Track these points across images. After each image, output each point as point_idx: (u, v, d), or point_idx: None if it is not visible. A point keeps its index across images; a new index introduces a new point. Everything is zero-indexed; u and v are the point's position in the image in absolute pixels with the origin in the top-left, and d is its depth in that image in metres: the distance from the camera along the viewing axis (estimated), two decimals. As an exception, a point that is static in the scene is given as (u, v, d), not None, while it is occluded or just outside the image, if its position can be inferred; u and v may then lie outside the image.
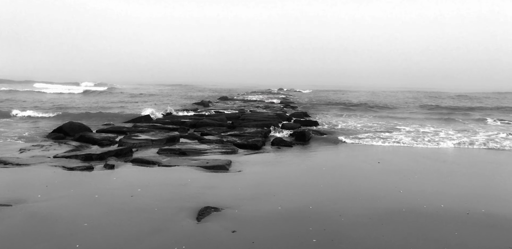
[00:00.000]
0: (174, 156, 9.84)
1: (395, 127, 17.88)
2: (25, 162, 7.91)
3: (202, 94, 45.48)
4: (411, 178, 7.79)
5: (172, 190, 6.58)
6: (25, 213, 5.02)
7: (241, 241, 4.42)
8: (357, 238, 4.57)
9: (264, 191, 6.66)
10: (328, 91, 67.54)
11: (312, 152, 11.12)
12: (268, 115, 20.19)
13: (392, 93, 61.74)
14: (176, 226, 4.86)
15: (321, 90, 72.33)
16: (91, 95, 39.43)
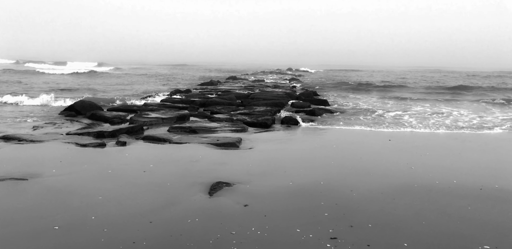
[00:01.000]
0: (184, 134, 9.88)
1: (407, 107, 17.68)
2: (38, 139, 8.02)
3: (209, 75, 45.24)
4: (422, 155, 7.73)
5: (184, 166, 6.64)
6: (41, 186, 5.12)
7: (254, 215, 4.47)
8: (369, 212, 4.59)
9: (275, 167, 6.68)
10: (338, 70, 66.72)
11: (322, 130, 11.08)
12: (278, 94, 20.06)
13: (404, 72, 60.76)
14: (188, 200, 4.93)
15: (331, 70, 71.47)
16: (97, 77, 36.93)
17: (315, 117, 13.76)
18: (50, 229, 3.87)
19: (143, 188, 5.28)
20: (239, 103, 17.18)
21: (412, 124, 12.31)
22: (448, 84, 32.52)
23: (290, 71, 63.20)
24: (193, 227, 4.09)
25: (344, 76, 48.24)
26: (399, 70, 76.77)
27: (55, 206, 4.51)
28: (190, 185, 5.51)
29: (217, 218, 4.34)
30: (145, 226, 4.07)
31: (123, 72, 47.30)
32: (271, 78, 39.81)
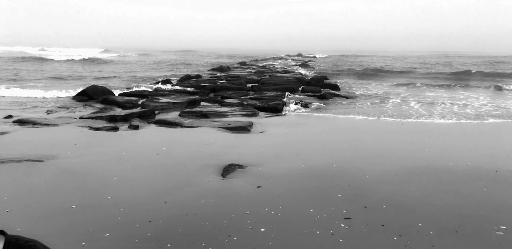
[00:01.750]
0: (195, 118, 9.90)
1: (419, 93, 17.44)
2: (52, 122, 8.11)
3: (218, 61, 44.98)
4: (436, 138, 7.65)
5: (196, 149, 6.67)
6: (57, 168, 5.20)
7: (267, 196, 4.49)
8: (383, 193, 4.57)
9: (287, 150, 6.67)
10: (348, 56, 65.83)
11: (333, 115, 11.00)
12: (288, 80, 19.92)
13: (417, 57, 59.74)
14: (202, 181, 4.96)
15: (342, 55, 70.53)
16: (103, 64, 35.42)
17: (326, 102, 13.67)
18: (68, 207, 3.94)
19: (157, 170, 5.33)
20: (249, 88, 17.12)
21: (422, 110, 12.15)
22: (461, 69, 31.91)
23: (300, 57, 62.55)
24: (207, 207, 4.13)
25: (354, 61, 47.61)
26: (412, 55, 75.49)
27: (71, 186, 4.58)
28: (203, 167, 5.54)
29: (231, 199, 4.37)
30: (160, 206, 4.12)
31: (130, 58, 46.49)
32: (281, 64, 39.48)
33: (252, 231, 3.59)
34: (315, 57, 65.73)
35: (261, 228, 3.64)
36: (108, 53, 61.91)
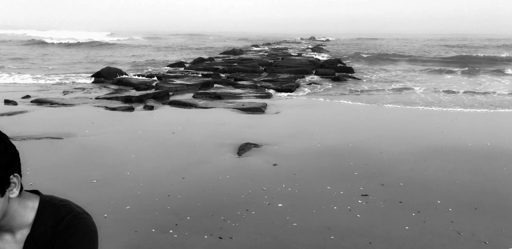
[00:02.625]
0: (209, 100, 9.91)
1: (434, 76, 17.11)
2: (69, 102, 8.22)
3: (230, 44, 44.56)
4: (453, 119, 7.54)
5: (211, 129, 6.70)
6: (76, 145, 5.29)
7: (283, 173, 4.51)
8: (400, 172, 4.55)
9: (302, 130, 6.66)
10: (363, 39, 64.61)
11: (348, 96, 10.90)
12: (301, 62, 19.70)
13: (430, 40, 58.35)
14: (218, 159, 5.00)
15: (356, 38, 69.27)
16: (110, 48, 32.53)
17: (340, 84, 13.52)
18: (89, 182, 4.03)
19: (174, 148, 5.39)
20: (263, 70, 17.01)
21: (440, 97, 11.94)
22: (472, 54, 31.09)
23: (313, 40, 61.68)
24: (225, 183, 4.17)
25: (369, 44, 46.74)
26: (423, 38, 73.72)
27: (91, 162, 4.66)
28: (219, 146, 5.57)
29: (248, 176, 4.40)
30: (178, 181, 4.17)
31: (139, 42, 44.42)
32: (293, 47, 39.02)
33: (269, 206, 3.62)
34: (328, 40, 64.72)
35: (278, 204, 3.68)
36: (114, 36, 59.44)
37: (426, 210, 3.55)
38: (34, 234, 1.23)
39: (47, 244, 1.23)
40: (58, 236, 1.21)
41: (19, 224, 1.22)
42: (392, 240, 3.01)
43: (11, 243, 1.24)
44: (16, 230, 1.23)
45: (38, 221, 1.23)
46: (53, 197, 1.32)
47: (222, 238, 3.02)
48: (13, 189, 1.16)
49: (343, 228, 3.21)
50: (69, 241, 1.21)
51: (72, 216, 1.26)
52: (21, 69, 15.43)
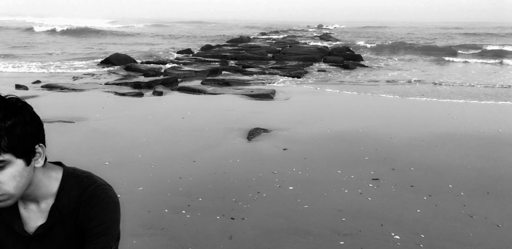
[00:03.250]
0: (218, 86, 9.90)
1: (445, 65, 16.87)
2: (79, 88, 8.26)
3: (237, 32, 44.14)
4: (464, 106, 7.47)
5: (220, 114, 6.71)
6: (87, 128, 5.33)
7: (293, 157, 4.52)
8: (411, 157, 4.54)
9: (311, 116, 6.65)
10: (372, 27, 63.69)
11: (357, 83, 10.81)
12: (309, 50, 19.52)
13: (438, 29, 57.32)
14: (228, 143, 5.02)
15: (364, 27, 68.31)
16: (113, 36, 30.37)
17: (349, 71, 13.41)
18: (101, 164, 4.07)
19: (184, 132, 5.41)
20: (271, 58, 16.90)
21: (449, 81, 11.80)
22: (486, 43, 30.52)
23: (321, 28, 60.97)
24: (235, 167, 4.19)
25: (378, 32, 46.08)
26: (432, 26, 72.46)
27: (102, 145, 4.70)
28: (228, 131, 5.58)
29: (258, 160, 4.42)
30: (189, 164, 4.20)
31: (143, 30, 42.52)
32: (301, 35, 38.61)
33: (280, 189, 3.64)
34: (336, 28, 63.91)
35: (289, 187, 3.69)
36: (116, 24, 56.84)
37: (437, 194, 3.54)
38: (59, 204, 1.24)
39: (71, 214, 1.24)
40: (81, 206, 1.23)
41: (43, 194, 1.23)
42: (404, 222, 3.02)
43: (36, 212, 1.26)
44: (40, 200, 1.25)
45: (62, 192, 1.24)
46: (75, 169, 1.34)
47: (234, 219, 3.05)
48: (38, 158, 1.17)
49: (354, 210, 3.22)
50: (92, 210, 1.22)
51: (95, 186, 1.27)
52: (29, 57, 15.48)
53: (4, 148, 1.05)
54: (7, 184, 1.09)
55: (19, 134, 1.07)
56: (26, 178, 1.14)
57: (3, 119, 1.04)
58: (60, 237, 1.26)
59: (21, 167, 1.12)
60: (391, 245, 2.70)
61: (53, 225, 1.25)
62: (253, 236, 2.80)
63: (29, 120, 1.11)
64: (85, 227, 1.22)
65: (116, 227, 1.25)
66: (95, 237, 1.20)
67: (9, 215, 1.26)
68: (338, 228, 2.93)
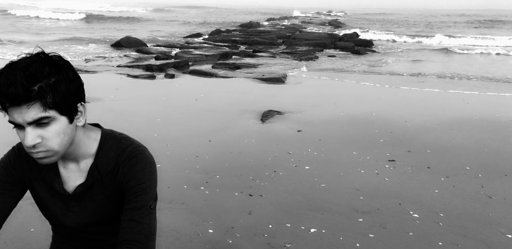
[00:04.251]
0: (229, 70, 9.85)
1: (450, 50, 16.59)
2: (92, 69, 8.27)
3: (245, 17, 43.62)
4: (478, 91, 7.38)
5: (233, 97, 6.70)
6: (103, 108, 5.36)
7: (308, 139, 4.51)
8: (426, 139, 4.51)
9: (324, 100, 6.62)
10: (384, 14, 62.56)
11: (369, 67, 10.69)
12: (320, 35, 19.29)
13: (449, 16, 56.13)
14: (242, 124, 5.02)
15: (374, 13, 67.12)
16: (116, 21, 27.91)
17: (361, 57, 13.25)
18: (119, 142, 4.10)
19: (198, 113, 5.42)
20: (281, 43, 16.74)
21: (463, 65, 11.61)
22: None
23: (331, 14, 60.04)
24: (251, 147, 4.21)
25: (389, 19, 45.27)
26: (441, 13, 70.97)
27: (118, 124, 4.73)
28: (242, 112, 5.58)
29: (273, 140, 4.43)
30: (205, 144, 4.22)
31: (145, 14, 40.34)
32: (310, 20, 38.08)
33: (297, 168, 3.65)
34: (346, 14, 62.87)
35: (305, 166, 3.70)
36: (117, 8, 54.28)
37: (454, 175, 3.53)
38: (97, 164, 1.26)
39: (110, 173, 1.26)
40: (120, 166, 1.24)
41: (83, 153, 1.25)
42: (422, 201, 3.03)
43: (75, 172, 1.28)
44: (80, 159, 1.26)
45: (101, 152, 1.26)
46: (112, 130, 1.35)
47: (252, 196, 3.08)
48: (80, 117, 1.18)
49: (372, 189, 3.23)
50: (131, 170, 1.23)
51: (133, 147, 1.28)
52: (38, 42, 15.48)
53: (49, 104, 1.05)
54: (51, 141, 1.10)
55: (63, 91, 1.07)
56: (69, 135, 1.15)
57: (48, 76, 1.04)
58: (98, 196, 1.28)
59: (65, 124, 1.12)
60: (410, 223, 2.71)
61: (92, 185, 1.27)
62: (272, 212, 2.83)
63: (72, 78, 1.12)
64: (124, 187, 1.24)
65: (154, 187, 1.26)
66: (135, 196, 1.21)
67: (49, 174, 1.28)
68: (356, 206, 2.94)
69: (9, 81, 1.00)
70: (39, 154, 1.10)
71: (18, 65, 1.03)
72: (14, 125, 1.09)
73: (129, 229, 1.18)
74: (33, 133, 1.06)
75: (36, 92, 1.02)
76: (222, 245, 2.40)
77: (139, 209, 1.20)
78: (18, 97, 1.01)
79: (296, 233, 2.56)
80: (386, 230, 2.61)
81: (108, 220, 1.34)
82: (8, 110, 1.06)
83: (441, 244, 2.46)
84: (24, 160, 1.29)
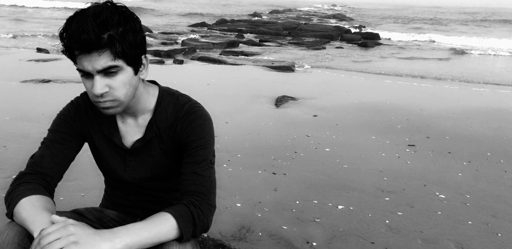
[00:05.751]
0: (237, 58, 9.79)
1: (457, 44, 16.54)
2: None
3: (248, 9, 43.28)
4: (491, 82, 7.35)
5: (245, 83, 6.66)
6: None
7: (325, 123, 4.48)
8: (444, 127, 4.49)
9: (336, 88, 6.59)
10: (389, 10, 62.29)
11: (378, 58, 10.65)
12: (326, 27, 19.18)
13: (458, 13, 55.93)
14: (257, 108, 4.99)
15: (380, 8, 66.83)
16: None
17: (368, 49, 13.19)
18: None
19: (211, 97, 5.37)
20: (287, 34, 16.64)
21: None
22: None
23: (335, 7, 59.71)
24: (269, 129, 4.17)
25: (395, 13, 45.08)
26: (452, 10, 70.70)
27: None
28: (255, 97, 5.54)
29: (290, 123, 4.39)
30: (222, 125, 4.18)
31: (142, 5, 39.55)
32: (315, 13, 37.85)
33: (317, 150, 3.63)
34: (351, 8, 62.53)
35: (325, 148, 3.67)
36: None
37: (476, 160, 3.51)
38: (156, 119, 1.24)
39: (168, 129, 1.24)
40: (179, 121, 1.23)
41: (142, 108, 1.23)
42: (447, 184, 3.01)
43: (133, 127, 1.26)
44: (138, 114, 1.25)
45: (159, 107, 1.25)
46: (169, 87, 1.34)
47: (276, 174, 3.05)
48: (143, 70, 1.16)
49: (395, 171, 3.21)
50: (191, 125, 1.22)
51: (191, 104, 1.27)
52: (44, 28, 15.33)
53: (118, 53, 1.04)
54: (118, 90, 1.09)
55: (130, 41, 1.06)
56: (134, 87, 1.14)
57: (117, 25, 1.02)
58: (156, 151, 1.27)
59: (131, 75, 1.11)
60: (437, 203, 2.69)
61: (150, 139, 1.25)
62: (297, 189, 2.81)
63: (138, 29, 1.10)
64: (183, 141, 1.22)
65: (213, 143, 1.25)
66: (195, 150, 1.20)
67: (108, 128, 1.26)
68: (381, 186, 2.92)
69: (81, 28, 0.98)
70: (106, 103, 1.09)
71: (88, 12, 1.01)
72: (82, 73, 1.07)
73: (191, 181, 1.17)
74: (102, 81, 1.05)
75: (106, 40, 1.00)
76: (252, 218, 2.38)
77: (200, 162, 1.19)
78: (90, 44, 0.99)
79: (324, 209, 2.54)
80: (414, 209, 2.59)
81: (165, 176, 1.33)
82: (77, 58, 1.05)
83: (471, 223, 2.45)
84: (84, 113, 1.27)
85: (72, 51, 1.04)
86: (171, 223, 1.03)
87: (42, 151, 1.21)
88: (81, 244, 0.89)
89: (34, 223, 0.97)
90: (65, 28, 1.02)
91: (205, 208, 1.12)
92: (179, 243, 1.05)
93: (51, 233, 0.89)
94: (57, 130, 1.25)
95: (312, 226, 2.33)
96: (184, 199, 1.13)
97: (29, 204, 1.04)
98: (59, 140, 1.23)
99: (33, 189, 1.10)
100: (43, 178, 1.17)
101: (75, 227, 0.92)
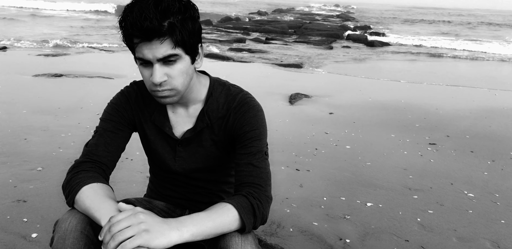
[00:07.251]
0: (244, 55, 9.73)
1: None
2: (109, 49, 8.15)
3: (251, 6, 43.22)
4: (506, 83, 7.29)
5: (255, 80, 6.61)
6: (127, 84, 5.24)
7: (342, 120, 4.43)
8: (463, 126, 4.43)
9: (348, 86, 6.54)
10: (392, 10, 62.24)
11: (388, 58, 10.59)
12: (331, 26, 19.13)
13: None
14: (272, 105, 4.93)
15: (383, 9, 66.78)
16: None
17: (375, 49, 13.12)
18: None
19: (224, 93, 5.32)
20: (292, 32, 16.58)
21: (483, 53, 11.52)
22: None
23: (338, 8, 59.64)
24: (286, 125, 4.12)
25: (395, 12, 45.03)
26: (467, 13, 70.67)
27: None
28: (268, 94, 5.49)
29: (306, 121, 4.34)
30: (239, 121, 4.13)
31: None
32: (319, 12, 37.79)
33: (338, 147, 3.57)
34: (354, 8, 62.47)
35: (346, 145, 3.62)
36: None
37: (500, 159, 3.46)
38: (208, 109, 1.20)
39: (220, 119, 1.20)
40: (232, 112, 1.19)
41: (194, 98, 1.19)
42: (474, 182, 2.96)
43: (184, 117, 1.22)
44: (190, 104, 1.21)
45: (210, 98, 1.21)
46: (219, 78, 1.30)
47: (299, 170, 3.00)
48: (198, 59, 1.12)
49: (420, 170, 3.15)
50: (244, 116, 1.18)
51: (243, 94, 1.23)
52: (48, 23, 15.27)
53: (178, 42, 1.00)
54: (176, 79, 1.06)
55: (190, 29, 1.02)
56: (190, 76, 1.11)
57: (177, 12, 0.99)
58: (207, 142, 1.23)
59: (188, 64, 1.07)
60: (467, 201, 2.64)
61: (201, 130, 1.21)
62: (323, 186, 2.75)
63: (197, 17, 1.06)
64: (236, 132, 1.18)
65: (266, 134, 1.22)
66: (250, 141, 1.16)
67: (159, 117, 1.23)
68: (407, 184, 2.87)
69: (143, 15, 0.95)
70: (164, 92, 1.06)
71: (148, 0, 0.97)
72: (141, 61, 1.03)
73: (248, 172, 1.12)
74: (161, 70, 1.02)
75: (167, 28, 0.97)
76: (281, 214, 2.32)
77: (255, 154, 1.15)
78: (152, 32, 0.96)
79: (352, 206, 2.49)
80: (444, 207, 2.54)
81: (214, 168, 1.29)
82: (136, 46, 1.01)
83: (504, 222, 2.39)
84: (135, 102, 1.24)
85: (132, 39, 1.00)
86: (233, 214, 1.00)
87: (96, 140, 1.18)
88: (152, 232, 0.85)
89: (100, 210, 0.93)
90: (125, 15, 0.99)
91: (263, 199, 1.09)
92: (241, 234, 1.01)
93: (122, 221, 0.85)
94: (109, 119, 1.21)
95: (343, 223, 2.27)
96: (241, 190, 1.09)
97: (92, 192, 0.99)
98: (112, 129, 1.19)
99: (93, 177, 1.06)
100: (100, 166, 1.13)
101: (145, 215, 0.87)
